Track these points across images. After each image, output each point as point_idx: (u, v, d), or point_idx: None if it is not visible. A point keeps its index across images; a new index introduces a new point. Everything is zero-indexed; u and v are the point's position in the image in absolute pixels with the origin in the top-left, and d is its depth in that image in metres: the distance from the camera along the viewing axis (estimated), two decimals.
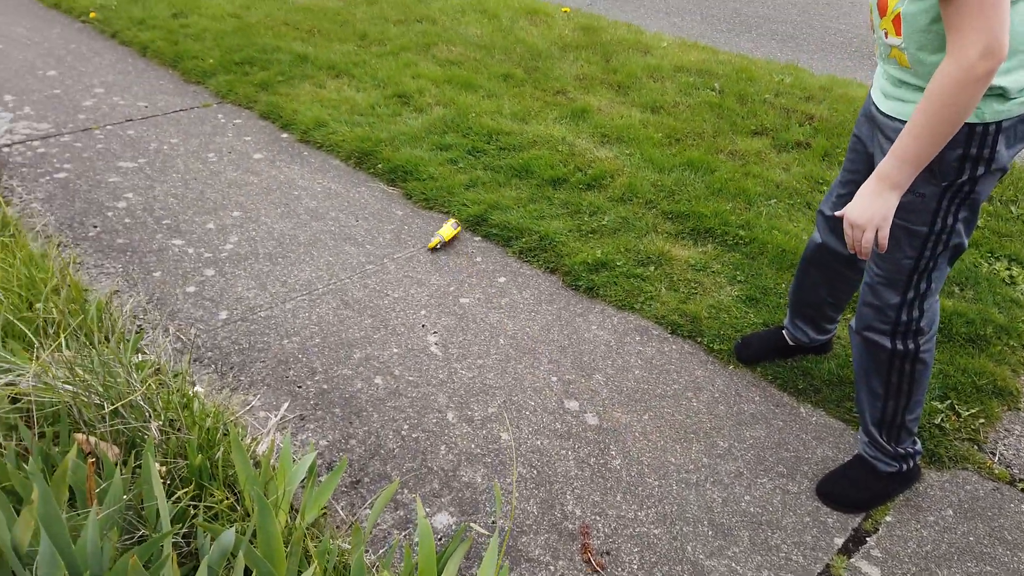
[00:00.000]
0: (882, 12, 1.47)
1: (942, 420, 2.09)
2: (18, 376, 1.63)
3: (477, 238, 2.92)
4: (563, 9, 5.57)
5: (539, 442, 2.01)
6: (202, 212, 2.96)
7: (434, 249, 2.81)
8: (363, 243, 2.84)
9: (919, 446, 1.87)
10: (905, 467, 1.85)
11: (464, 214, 3.01)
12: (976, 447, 2.03)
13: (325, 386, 2.15)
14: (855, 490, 1.87)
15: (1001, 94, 1.40)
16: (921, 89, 1.45)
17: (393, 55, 4.52)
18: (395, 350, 2.31)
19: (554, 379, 2.23)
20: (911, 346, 1.70)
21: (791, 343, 2.29)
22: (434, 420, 2.06)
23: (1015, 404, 2.17)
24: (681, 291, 2.62)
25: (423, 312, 2.49)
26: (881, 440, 1.83)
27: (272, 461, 1.73)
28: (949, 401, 2.15)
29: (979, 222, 3.00)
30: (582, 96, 4.06)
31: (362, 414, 2.06)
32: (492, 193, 3.12)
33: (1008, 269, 2.71)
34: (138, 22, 4.85)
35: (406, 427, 2.03)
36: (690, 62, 4.55)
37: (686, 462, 1.97)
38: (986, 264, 2.74)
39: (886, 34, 1.48)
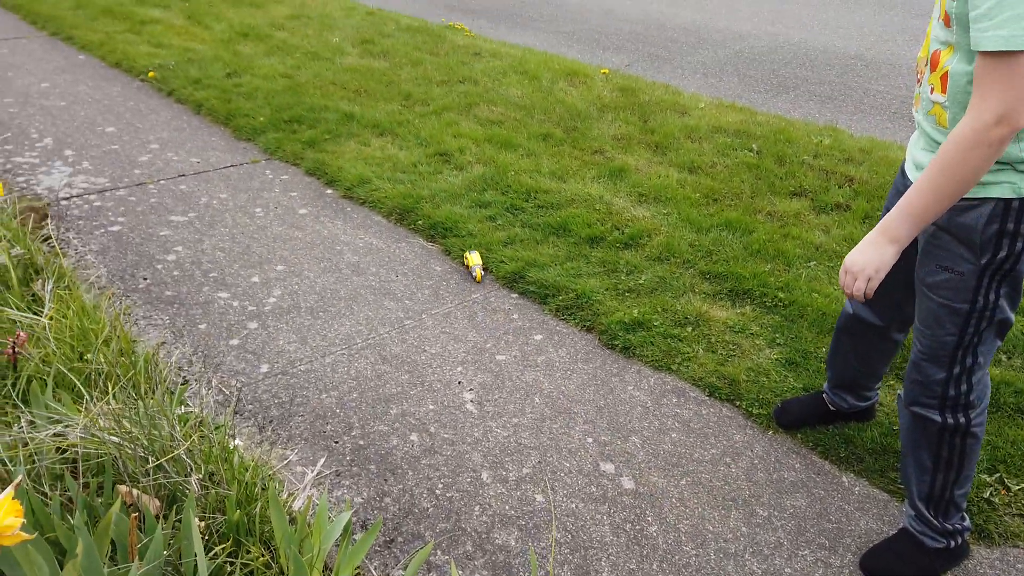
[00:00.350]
0: (933, 67, 1.48)
1: (991, 494, 2.02)
2: (66, 427, 1.68)
3: (514, 295, 2.95)
4: (602, 71, 5.69)
5: (574, 505, 1.99)
6: (248, 265, 3.04)
7: (481, 278, 3.00)
8: (402, 298, 2.88)
9: (968, 522, 1.81)
10: (953, 544, 1.80)
11: (502, 271, 3.05)
12: None
13: (361, 442, 2.16)
14: (901, 566, 1.81)
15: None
16: None
17: (436, 115, 4.65)
18: (431, 406, 2.32)
19: (589, 440, 2.21)
20: (962, 420, 1.66)
21: (831, 408, 2.25)
22: (468, 479, 2.05)
23: None
24: (719, 353, 2.60)
25: (459, 368, 2.50)
26: (928, 515, 1.78)
27: (308, 518, 1.74)
28: (998, 474, 2.08)
29: None
30: (620, 156, 4.12)
31: (397, 471, 2.06)
32: (530, 250, 3.16)
33: None
34: (194, 81, 5.08)
35: (440, 486, 2.02)
36: (727, 123, 4.59)
37: (724, 530, 1.93)
38: None
39: (932, 90, 1.49)
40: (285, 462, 2.07)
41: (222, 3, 7.41)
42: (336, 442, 2.16)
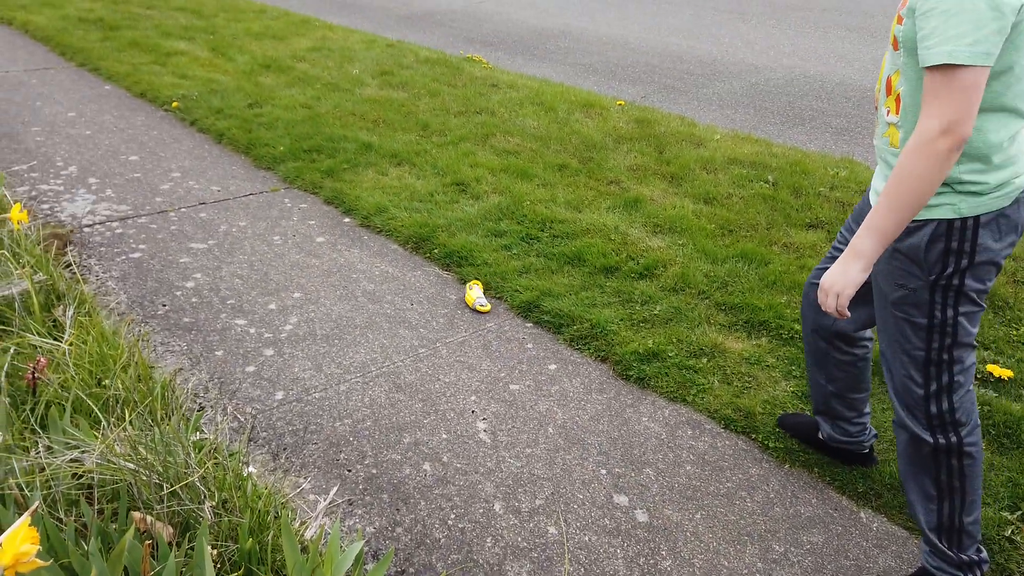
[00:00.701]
0: (888, 91, 1.58)
1: (1012, 532, 1.98)
2: (83, 453, 1.69)
3: (529, 324, 2.95)
4: (618, 102, 5.74)
5: (587, 538, 1.97)
6: (265, 293, 3.07)
7: (481, 310, 3.01)
8: (417, 327, 2.89)
9: (984, 554, 1.78)
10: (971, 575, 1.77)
11: (516, 300, 3.05)
12: None
13: (374, 470, 2.16)
14: None
15: (976, 191, 1.48)
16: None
17: (453, 145, 4.71)
18: (444, 436, 2.32)
19: (603, 472, 2.20)
20: (953, 439, 1.68)
21: (821, 437, 2.24)
22: (481, 510, 2.04)
23: None
24: (735, 385, 2.58)
25: (473, 398, 2.50)
26: (942, 547, 1.75)
27: (320, 547, 1.73)
28: (1020, 512, 2.04)
29: None
30: (635, 186, 4.14)
31: (409, 501, 2.06)
32: (544, 280, 3.17)
33: None
34: (216, 111, 5.18)
35: (453, 516, 2.01)
36: (743, 154, 4.61)
37: (740, 566, 1.90)
38: None
39: (888, 112, 1.59)
40: (298, 490, 2.07)
41: (246, 36, 7.58)
42: (349, 470, 2.16)
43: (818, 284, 1.90)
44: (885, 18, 10.54)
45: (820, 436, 2.26)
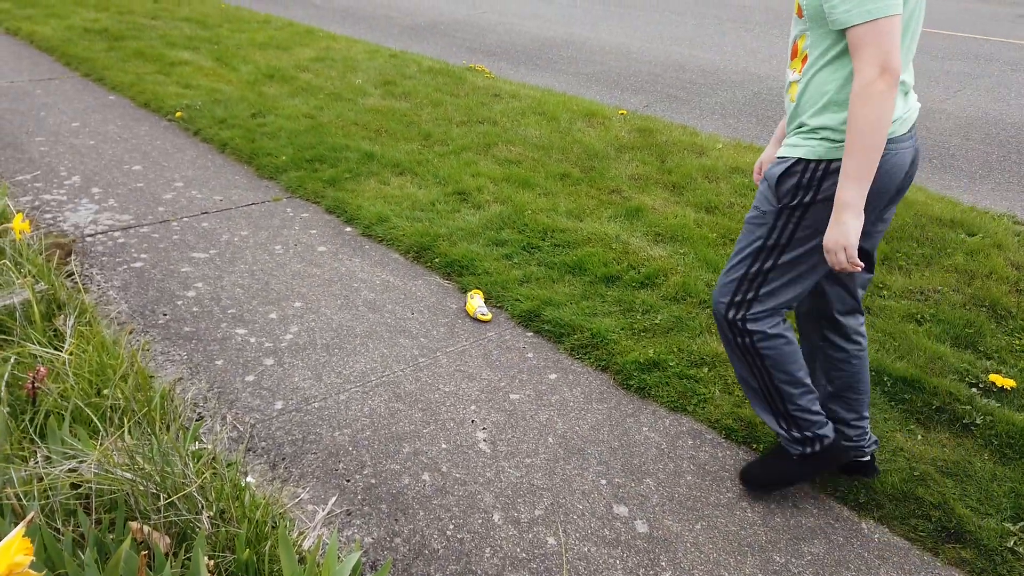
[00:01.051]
0: (794, 55, 1.79)
1: (1015, 543, 1.96)
2: (81, 462, 1.69)
3: (529, 333, 2.95)
4: (620, 111, 5.75)
5: (586, 548, 1.96)
6: (266, 302, 3.08)
7: (482, 319, 3.00)
8: (417, 336, 2.89)
9: (825, 431, 2.01)
10: (810, 449, 2.03)
11: (517, 309, 3.05)
12: None
13: (373, 480, 2.16)
14: (767, 472, 2.12)
15: (834, 139, 1.68)
16: (800, 126, 1.76)
17: (455, 154, 4.72)
18: (443, 445, 2.31)
19: (603, 482, 2.19)
20: (747, 341, 1.93)
21: None
22: (480, 520, 2.03)
23: None
24: (736, 394, 2.57)
25: (473, 407, 2.50)
26: (781, 429, 2.04)
27: (317, 558, 1.73)
28: (1022, 523, 2.02)
29: None
30: (637, 195, 4.14)
31: (408, 511, 2.05)
32: (545, 289, 3.16)
33: None
34: (219, 121, 5.20)
35: (451, 527, 2.01)
36: (745, 163, 4.61)
37: None
38: None
39: (793, 71, 1.79)
40: (296, 500, 2.07)
41: (250, 46, 7.62)
42: (348, 480, 2.15)
43: None
44: None
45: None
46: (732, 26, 10.23)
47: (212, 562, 1.57)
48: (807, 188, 1.74)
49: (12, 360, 2.19)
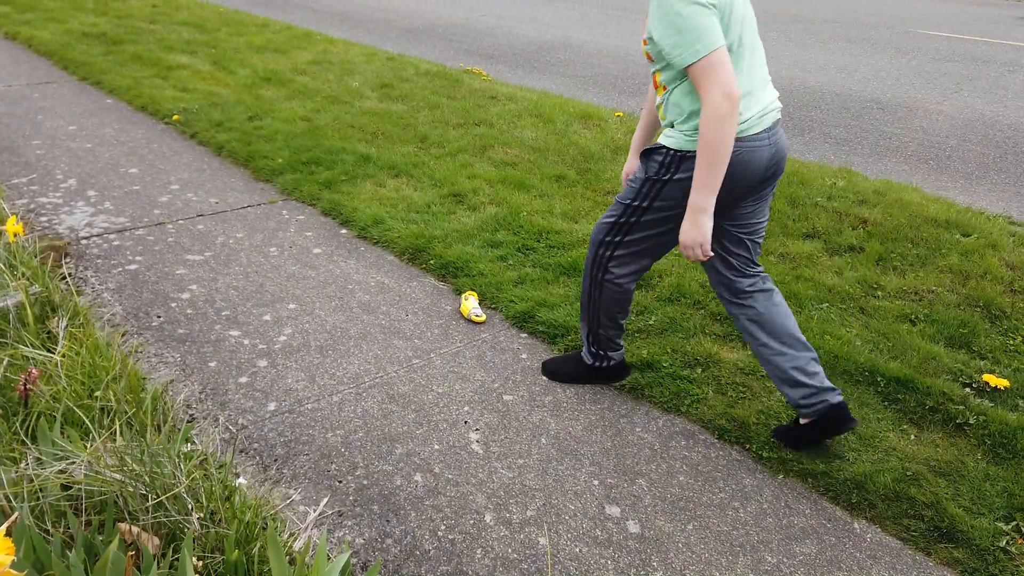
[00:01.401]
0: (655, 85, 2.14)
1: (1007, 543, 1.96)
2: (71, 464, 1.69)
3: (523, 334, 2.95)
4: (616, 114, 5.75)
5: (578, 549, 1.96)
6: (260, 304, 3.08)
7: (476, 320, 3.02)
8: (412, 337, 2.89)
9: (619, 354, 2.57)
10: (601, 364, 2.58)
11: (511, 311, 3.05)
12: None
13: (365, 481, 2.16)
14: (565, 368, 2.66)
15: (689, 137, 2.03)
16: (670, 125, 2.10)
17: (451, 156, 4.72)
18: (436, 446, 2.31)
19: (595, 482, 2.19)
20: (599, 275, 2.38)
21: (801, 422, 2.40)
22: (471, 521, 2.03)
23: None
24: (729, 395, 2.57)
25: (466, 408, 2.49)
26: (588, 342, 2.56)
27: (307, 559, 1.73)
28: (1015, 523, 2.02)
29: None
30: None
31: (400, 512, 2.05)
32: (540, 290, 3.16)
33: None
34: (216, 124, 5.21)
35: (443, 528, 2.01)
36: None
37: None
38: None
39: (659, 96, 2.14)
40: (288, 501, 2.06)
41: (248, 49, 7.63)
42: (340, 482, 2.15)
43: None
44: (886, 30, 10.58)
45: (800, 422, 2.32)
46: None
47: (201, 563, 1.57)
48: (667, 168, 2.10)
49: (5, 362, 2.19)
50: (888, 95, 6.74)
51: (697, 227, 2.00)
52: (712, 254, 2.07)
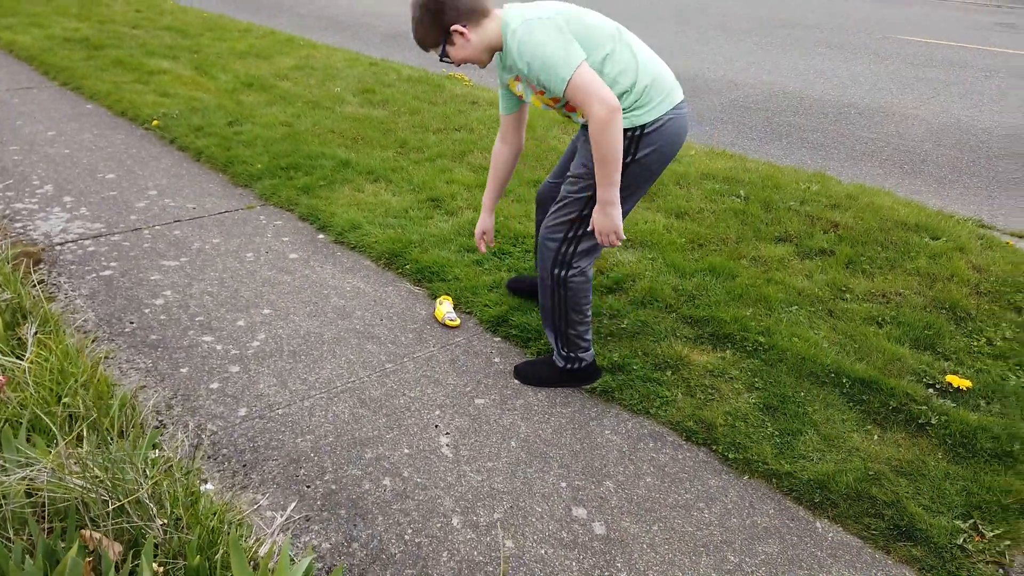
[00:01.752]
0: (571, 110, 2.34)
1: (965, 540, 2.00)
2: (34, 471, 1.70)
3: (497, 339, 2.97)
4: None
5: (543, 551, 1.98)
6: (234, 309, 3.08)
7: (451, 325, 3.04)
8: (385, 342, 2.91)
9: (588, 355, 2.62)
10: (573, 366, 2.62)
11: (486, 315, 3.07)
12: (1002, 570, 1.93)
13: (334, 486, 2.17)
14: (537, 372, 2.69)
15: (629, 113, 2.23)
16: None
17: (430, 161, 4.74)
18: (406, 451, 2.32)
19: (563, 484, 2.21)
20: (562, 274, 2.44)
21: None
22: (439, 525, 2.05)
23: None
24: (698, 397, 2.60)
25: (437, 412, 2.51)
26: (557, 346, 2.60)
27: (271, 564, 1.74)
28: (972, 520, 2.06)
29: (1008, 333, 2.93)
30: None
31: (367, 516, 2.06)
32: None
33: None
34: (196, 129, 5.21)
35: (410, 531, 2.02)
36: (717, 169, 4.65)
37: None
38: (1014, 377, 2.66)
39: (580, 118, 2.37)
40: (255, 507, 2.07)
41: (230, 55, 7.63)
42: (308, 487, 2.16)
43: (548, 190, 2.78)
44: (866, 36, 10.68)
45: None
46: (713, 34, 10.32)
47: (162, 568, 1.58)
48: (627, 151, 2.26)
49: None
50: (865, 100, 6.81)
51: (609, 218, 2.24)
52: (625, 237, 2.33)
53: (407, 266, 3.46)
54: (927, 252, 3.54)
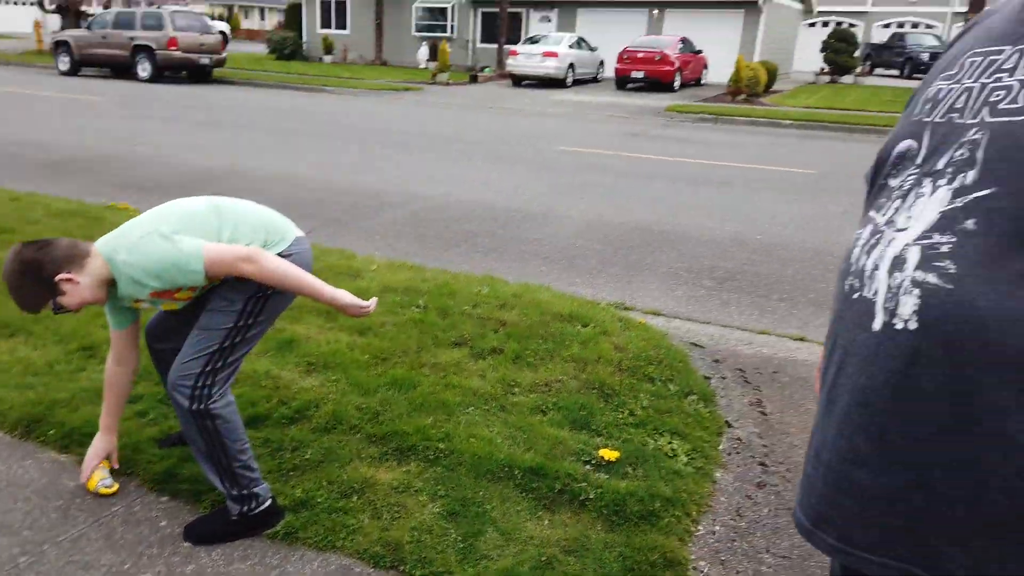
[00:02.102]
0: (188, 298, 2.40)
1: None
2: None
3: (164, 498, 2.69)
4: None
5: None
6: None
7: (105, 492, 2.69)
8: (19, 530, 2.48)
9: (260, 488, 2.47)
10: (248, 508, 2.45)
11: (151, 471, 2.78)
12: None
13: None
14: (210, 528, 2.49)
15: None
16: None
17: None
18: None
19: None
20: (203, 407, 2.33)
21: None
22: None
23: (683, 573, 2.36)
24: (384, 518, 2.59)
25: None
26: (227, 489, 2.43)
27: None
28: None
29: (645, 402, 3.39)
30: (290, 326, 4.10)
31: None
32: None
33: (670, 443, 3.05)
34: None
35: None
36: (397, 281, 4.84)
37: None
38: (652, 441, 3.06)
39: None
40: None
41: None
42: None
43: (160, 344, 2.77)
44: (519, 146, 12.10)
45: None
46: (394, 151, 10.94)
47: None
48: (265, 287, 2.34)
49: None
50: (529, 205, 7.65)
51: (355, 306, 2.38)
52: (368, 303, 2.42)
53: (51, 431, 3.03)
54: (579, 339, 4.00)
